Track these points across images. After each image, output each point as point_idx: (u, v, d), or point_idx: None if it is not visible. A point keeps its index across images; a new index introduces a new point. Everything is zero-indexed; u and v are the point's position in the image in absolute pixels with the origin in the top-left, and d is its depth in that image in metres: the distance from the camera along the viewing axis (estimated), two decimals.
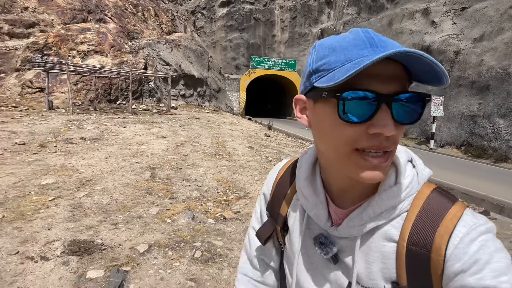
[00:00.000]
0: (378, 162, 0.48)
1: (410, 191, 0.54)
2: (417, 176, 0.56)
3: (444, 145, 16.25)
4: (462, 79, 16.02)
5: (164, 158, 6.13)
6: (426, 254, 0.50)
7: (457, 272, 0.47)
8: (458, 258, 0.47)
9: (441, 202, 0.52)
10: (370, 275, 0.54)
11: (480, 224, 0.49)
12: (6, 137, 6.55)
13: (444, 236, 0.49)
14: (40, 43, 16.66)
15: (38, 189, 3.88)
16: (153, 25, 26.51)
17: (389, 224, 0.54)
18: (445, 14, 18.99)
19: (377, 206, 0.53)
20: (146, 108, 16.57)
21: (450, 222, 0.49)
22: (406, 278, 0.51)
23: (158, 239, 2.96)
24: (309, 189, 0.61)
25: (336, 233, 0.57)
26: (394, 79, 0.47)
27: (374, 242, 0.55)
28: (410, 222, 0.52)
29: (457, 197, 3.81)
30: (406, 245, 0.51)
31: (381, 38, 0.48)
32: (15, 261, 2.34)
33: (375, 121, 0.46)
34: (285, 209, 0.68)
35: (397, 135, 0.49)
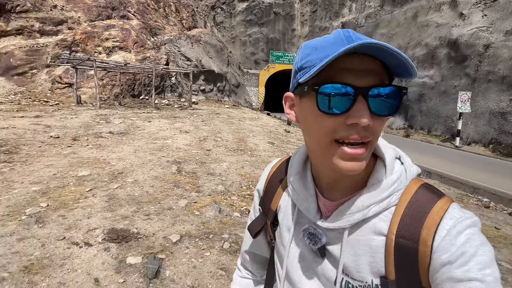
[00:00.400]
0: (355, 153, 0.50)
1: (398, 186, 0.55)
2: (405, 172, 0.57)
3: (470, 142, 15.67)
4: (491, 74, 15.33)
5: (189, 153, 6.32)
6: (414, 246, 0.51)
7: (444, 263, 0.48)
8: (445, 249, 0.48)
9: (428, 197, 0.54)
10: (358, 267, 0.55)
11: (466, 218, 0.50)
12: (42, 131, 6.95)
13: (431, 228, 0.50)
14: (68, 40, 17.33)
15: (75, 180, 4.14)
16: (174, 21, 26.88)
17: (377, 218, 0.55)
18: (474, 6, 18.12)
19: (366, 199, 0.55)
20: (168, 103, 16.96)
21: (437, 215, 0.51)
22: (395, 272, 0.52)
23: (188, 230, 3.11)
24: (299, 184, 0.63)
25: (325, 225, 0.58)
26: (370, 73, 0.49)
27: (363, 236, 0.56)
28: (399, 216, 0.53)
29: (486, 197, 3.72)
30: (395, 238, 0.52)
31: (360, 36, 0.49)
32: (62, 245, 2.55)
33: (352, 112, 0.48)
34: (275, 204, 0.70)
35: (376, 126, 0.51)
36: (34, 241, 2.57)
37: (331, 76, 0.49)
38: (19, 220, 2.88)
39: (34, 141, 6.08)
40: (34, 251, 2.43)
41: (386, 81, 0.51)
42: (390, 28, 24.59)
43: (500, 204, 6.62)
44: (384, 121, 0.52)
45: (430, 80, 19.34)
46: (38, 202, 3.34)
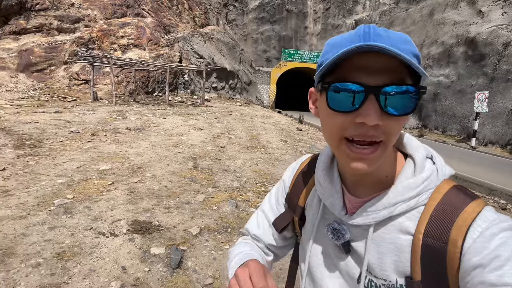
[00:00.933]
0: (362, 153, 0.49)
1: (428, 185, 0.54)
2: (437, 172, 0.56)
3: (487, 143, 15.35)
4: (511, 73, 14.95)
5: (204, 149, 6.44)
6: (442, 246, 0.49)
7: (475, 266, 0.46)
8: (477, 252, 0.46)
9: (460, 197, 0.52)
10: (382, 265, 0.54)
11: (502, 221, 0.48)
12: (62, 126, 7.19)
13: (461, 228, 0.48)
14: (85, 38, 17.72)
15: (97, 174, 4.31)
16: (187, 18, 27.09)
17: (404, 217, 0.54)
18: (494, 3, 17.66)
19: (393, 197, 0.54)
20: (181, 100, 17.18)
21: (469, 216, 0.49)
22: (421, 272, 0.51)
23: (207, 223, 3.22)
24: (326, 179, 0.63)
25: (350, 221, 0.58)
26: (385, 71, 0.47)
27: (389, 234, 0.55)
28: (427, 215, 0.52)
29: (503, 199, 3.61)
30: (422, 238, 0.51)
31: (379, 32, 0.48)
32: (90, 235, 2.69)
33: (361, 110, 0.48)
34: (303, 200, 0.70)
35: (389, 126, 0.49)
36: (64, 230, 2.71)
37: (345, 74, 0.49)
38: (49, 210, 3.03)
39: (56, 135, 6.31)
40: (65, 240, 2.57)
41: (406, 79, 0.48)
42: (405, 26, 24.18)
43: None
44: (399, 120, 0.50)
45: (445, 79, 18.97)
46: (64, 194, 3.50)
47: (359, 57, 0.47)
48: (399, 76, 0.48)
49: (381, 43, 0.45)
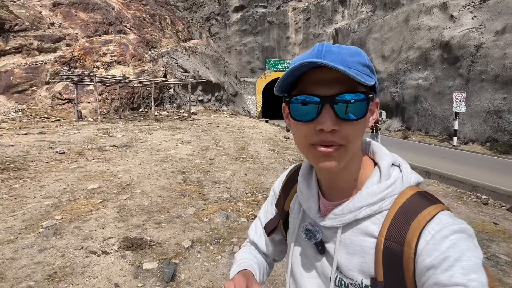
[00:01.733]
0: (326, 151, 0.54)
1: (392, 191, 0.58)
2: (402, 179, 0.60)
3: (467, 141, 15.89)
4: (484, 74, 15.64)
5: (192, 163, 6.47)
6: (400, 248, 0.52)
7: (428, 267, 0.49)
8: (429, 253, 0.49)
9: (420, 202, 0.56)
10: (350, 266, 0.59)
11: (454, 224, 0.51)
12: (47, 147, 7.09)
13: (415, 231, 0.52)
14: (67, 57, 17.58)
15: (85, 193, 4.27)
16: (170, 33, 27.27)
17: (369, 221, 0.58)
18: (464, 8, 18.57)
19: (357, 202, 0.58)
20: (167, 115, 17.14)
21: (424, 219, 0.52)
22: (383, 273, 0.54)
23: (198, 236, 3.24)
24: (304, 185, 0.68)
25: (322, 223, 0.62)
26: (337, 82, 0.53)
27: (356, 236, 0.59)
28: (389, 219, 0.55)
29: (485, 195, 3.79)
30: (384, 240, 0.54)
31: (331, 49, 0.54)
32: (81, 255, 2.67)
33: (318, 119, 0.53)
34: (288, 205, 0.76)
35: (346, 130, 0.54)
36: (54, 252, 2.69)
37: (304, 88, 0.55)
38: (37, 233, 3.00)
39: (40, 157, 6.21)
40: (56, 261, 2.55)
41: (358, 88, 0.54)
42: (383, 33, 25.05)
43: (498, 201, 6.76)
44: (356, 125, 0.55)
45: (424, 81, 19.66)
46: (52, 215, 3.47)
47: (315, 72, 0.54)
48: (351, 86, 0.53)
49: (330, 59, 0.51)
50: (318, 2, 34.72)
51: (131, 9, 24.37)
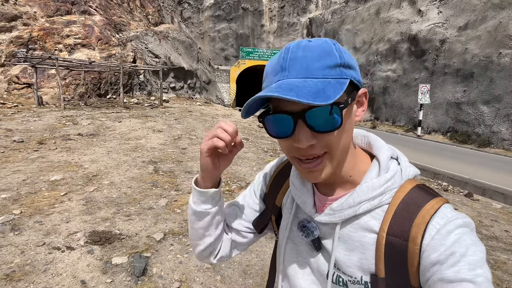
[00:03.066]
0: (309, 168, 0.54)
1: (392, 185, 0.56)
2: (401, 172, 0.58)
3: (430, 131, 16.82)
4: (447, 67, 16.49)
5: (164, 152, 6.28)
6: (404, 244, 0.51)
7: (434, 262, 0.48)
8: (435, 248, 0.49)
9: (421, 196, 0.55)
10: (349, 262, 0.57)
11: (458, 218, 0.51)
12: (3, 135, 6.55)
13: (420, 226, 0.51)
14: (25, 37, 16.21)
15: (48, 185, 4.01)
16: (140, 17, 25.97)
17: (369, 215, 0.56)
18: (431, 3, 19.31)
19: (357, 196, 0.56)
20: (137, 102, 16.49)
21: (427, 213, 0.51)
22: (384, 269, 0.53)
23: (171, 227, 3.16)
24: (298, 179, 0.66)
25: (319, 219, 0.60)
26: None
27: (355, 232, 0.57)
28: (390, 214, 0.54)
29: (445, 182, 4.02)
30: (386, 236, 0.53)
31: (296, 56, 0.51)
32: (43, 251, 2.51)
33: (294, 135, 0.52)
34: (280, 200, 0.73)
35: (324, 140, 0.52)
36: (12, 249, 2.50)
37: (276, 105, 0.53)
38: None
39: None
40: (14, 259, 2.38)
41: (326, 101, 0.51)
42: (355, 24, 25.52)
43: (457, 187, 7.25)
44: (334, 134, 0.52)
45: (393, 73, 20.40)
46: (10, 209, 3.22)
47: None
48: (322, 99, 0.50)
49: (295, 68, 0.50)
50: None
51: None
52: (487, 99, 14.08)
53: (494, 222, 4.28)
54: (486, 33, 14.66)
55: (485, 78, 14.26)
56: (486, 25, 14.83)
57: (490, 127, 13.72)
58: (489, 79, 14.02)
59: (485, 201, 6.01)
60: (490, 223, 4.23)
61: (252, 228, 0.77)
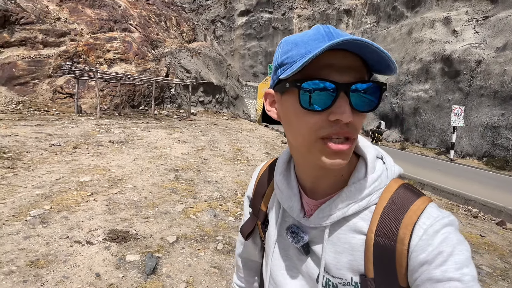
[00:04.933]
0: (340, 149, 0.49)
1: (379, 185, 0.56)
2: (386, 171, 0.58)
3: (464, 155, 15.94)
4: (484, 89, 15.75)
5: (186, 161, 6.51)
6: (392, 244, 0.51)
7: (422, 263, 0.48)
8: (423, 249, 0.48)
9: (407, 196, 0.54)
10: (338, 265, 0.56)
11: (444, 217, 0.51)
12: (43, 139, 7.13)
13: (408, 227, 0.50)
14: (71, 51, 17.70)
15: (77, 186, 4.31)
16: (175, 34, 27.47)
17: (358, 217, 0.56)
18: (466, 23, 18.76)
19: (346, 198, 0.55)
20: (167, 114, 17.22)
21: (414, 214, 0.51)
22: (373, 270, 0.53)
23: (184, 232, 3.28)
24: (283, 183, 0.63)
25: (308, 223, 0.59)
26: (351, 69, 0.48)
27: (343, 234, 0.56)
28: (378, 215, 0.53)
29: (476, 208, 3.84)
30: (374, 237, 0.52)
31: (339, 32, 0.49)
32: (66, 243, 2.71)
33: (334, 108, 0.48)
34: (265, 204, 0.71)
35: (357, 122, 0.50)
36: (39, 239, 2.73)
37: (313, 73, 0.48)
38: (24, 221, 3.04)
39: (36, 148, 6.26)
40: (40, 248, 2.59)
41: (366, 77, 0.51)
42: (386, 44, 25.24)
43: (489, 215, 6.80)
44: (363, 117, 0.52)
45: (424, 94, 19.77)
46: (41, 204, 3.50)
47: (326, 56, 0.47)
48: (362, 74, 0.50)
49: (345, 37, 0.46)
50: (323, 11, 35.02)
51: (138, 8, 24.59)
52: None
53: None
54: None
55: None
56: None
57: None
58: None
59: None
60: None
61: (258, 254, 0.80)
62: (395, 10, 26.93)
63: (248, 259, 0.82)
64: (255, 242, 0.77)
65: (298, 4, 35.64)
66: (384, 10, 28.81)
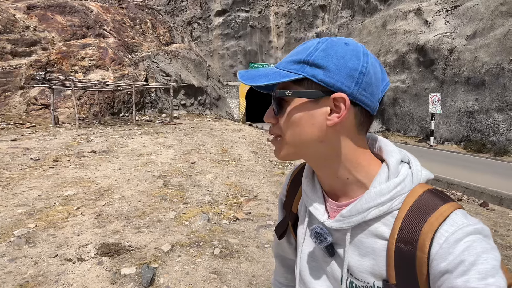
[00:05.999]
0: (272, 142, 0.62)
1: (402, 190, 0.54)
2: (412, 176, 0.56)
3: (444, 141, 16.50)
4: (457, 76, 16.33)
5: (174, 167, 6.39)
6: (412, 251, 0.50)
7: (443, 272, 0.47)
8: (443, 257, 0.47)
9: (431, 201, 0.52)
10: (361, 268, 0.56)
11: (469, 225, 0.48)
12: (21, 153, 6.83)
13: (428, 234, 0.49)
14: (43, 61, 17.03)
15: (61, 200, 4.14)
16: (151, 37, 26.94)
17: (380, 222, 0.55)
18: (437, 13, 19.37)
19: (365, 202, 0.55)
20: (149, 119, 16.88)
21: (436, 220, 0.49)
22: (395, 276, 0.52)
23: (179, 239, 3.21)
24: (308, 186, 0.66)
25: (330, 225, 0.60)
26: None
27: (367, 238, 0.56)
28: (400, 220, 0.53)
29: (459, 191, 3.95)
30: (395, 243, 0.52)
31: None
32: (55, 263, 2.59)
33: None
34: (296, 206, 0.73)
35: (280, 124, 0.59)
36: (27, 261, 2.59)
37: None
38: (8, 242, 2.88)
39: (14, 164, 5.98)
40: (28, 270, 2.46)
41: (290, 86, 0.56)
42: (362, 37, 25.72)
43: (472, 197, 7.06)
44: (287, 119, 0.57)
45: (402, 84, 20.30)
46: (25, 223, 3.34)
47: None
48: (283, 84, 0.57)
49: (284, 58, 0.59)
50: (299, 7, 35.30)
51: (111, 12, 23.94)
52: (500, 106, 13.80)
53: (511, 231, 4.14)
54: (495, 41, 14.55)
55: (497, 86, 14.04)
56: (495, 33, 14.73)
57: (505, 135, 13.38)
58: (502, 86, 13.79)
59: (501, 210, 5.83)
60: (506, 232, 4.10)
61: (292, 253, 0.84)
62: (369, 3, 27.47)
63: (285, 257, 0.86)
64: (289, 241, 0.80)
65: (274, 1, 35.74)
66: (358, 4, 29.33)
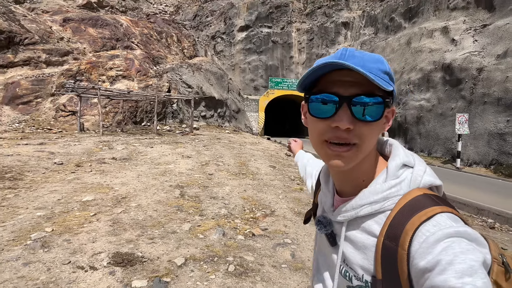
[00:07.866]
0: (338, 151, 0.57)
1: (397, 192, 0.58)
2: (410, 180, 0.59)
3: (471, 164, 15.69)
4: (487, 96, 15.65)
5: (191, 177, 6.36)
6: (395, 248, 0.53)
7: (423, 270, 0.48)
8: (422, 256, 0.49)
9: (421, 202, 0.55)
10: (353, 260, 0.61)
11: (451, 226, 0.49)
12: (46, 157, 7.03)
13: (408, 232, 0.52)
14: (73, 70, 17.87)
15: (79, 205, 4.16)
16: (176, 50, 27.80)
17: (373, 220, 0.59)
18: (465, 32, 18.87)
19: (359, 199, 0.60)
20: (169, 129, 17.18)
21: (418, 219, 0.52)
22: (381, 272, 0.55)
23: (193, 253, 3.10)
24: (324, 181, 0.74)
25: (332, 217, 0.67)
26: (355, 84, 0.56)
27: (360, 234, 0.61)
28: (390, 219, 0.56)
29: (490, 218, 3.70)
30: (383, 240, 0.55)
31: (353, 54, 0.58)
32: (68, 270, 2.54)
33: (335, 117, 0.57)
34: (317, 198, 0.82)
35: (361, 131, 0.57)
36: (40, 266, 2.56)
37: (323, 87, 0.59)
38: (24, 245, 2.88)
39: (38, 167, 6.14)
40: (40, 276, 2.42)
41: (375, 91, 0.57)
42: (385, 54, 25.39)
43: (505, 225, 6.55)
44: (370, 126, 0.57)
45: (427, 103, 19.69)
46: (43, 227, 3.35)
47: (335, 73, 0.58)
48: (368, 89, 0.57)
49: (352, 62, 0.54)
50: (322, 24, 35.52)
51: (139, 26, 25.00)
52: None
53: None
54: None
55: None
56: None
57: None
58: None
59: None
60: None
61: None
62: (393, 21, 27.23)
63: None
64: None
65: (297, 18, 36.19)
66: (382, 22, 29.14)
